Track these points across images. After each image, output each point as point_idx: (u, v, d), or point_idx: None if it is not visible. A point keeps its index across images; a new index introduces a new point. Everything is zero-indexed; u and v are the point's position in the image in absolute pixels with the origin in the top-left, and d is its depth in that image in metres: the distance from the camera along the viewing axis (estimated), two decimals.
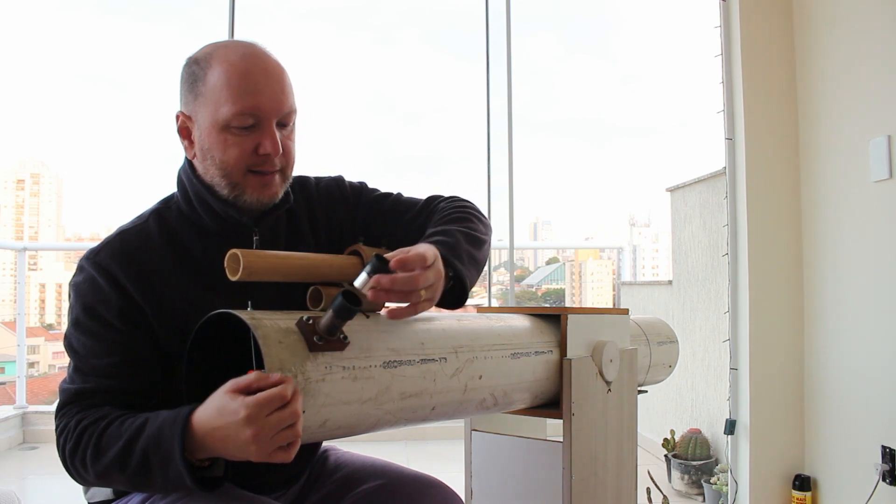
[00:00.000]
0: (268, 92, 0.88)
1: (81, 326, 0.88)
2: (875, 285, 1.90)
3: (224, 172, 0.90)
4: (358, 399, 0.76)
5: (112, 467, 0.79)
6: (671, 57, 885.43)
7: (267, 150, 0.88)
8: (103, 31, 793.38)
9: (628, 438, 1.14)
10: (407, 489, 0.97)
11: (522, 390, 0.97)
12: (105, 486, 0.91)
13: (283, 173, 0.94)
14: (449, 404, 0.86)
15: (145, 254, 0.90)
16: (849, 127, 2.00)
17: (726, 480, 2.32)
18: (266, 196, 0.92)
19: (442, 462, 2.86)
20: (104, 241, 0.92)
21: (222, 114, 0.87)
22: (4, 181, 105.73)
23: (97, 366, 0.86)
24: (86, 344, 0.87)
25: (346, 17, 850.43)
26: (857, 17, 1.98)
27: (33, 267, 61.63)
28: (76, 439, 0.82)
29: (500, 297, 10.90)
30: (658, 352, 1.34)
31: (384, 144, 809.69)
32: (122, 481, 0.81)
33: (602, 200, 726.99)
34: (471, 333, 0.90)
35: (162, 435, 0.76)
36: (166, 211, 0.95)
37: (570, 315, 1.03)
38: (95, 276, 0.88)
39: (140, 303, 0.87)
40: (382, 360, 0.78)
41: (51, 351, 39.60)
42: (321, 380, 0.73)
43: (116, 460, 0.79)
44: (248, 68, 0.88)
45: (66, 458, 0.83)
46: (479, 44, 2.96)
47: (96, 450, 0.80)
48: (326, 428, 0.75)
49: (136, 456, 0.78)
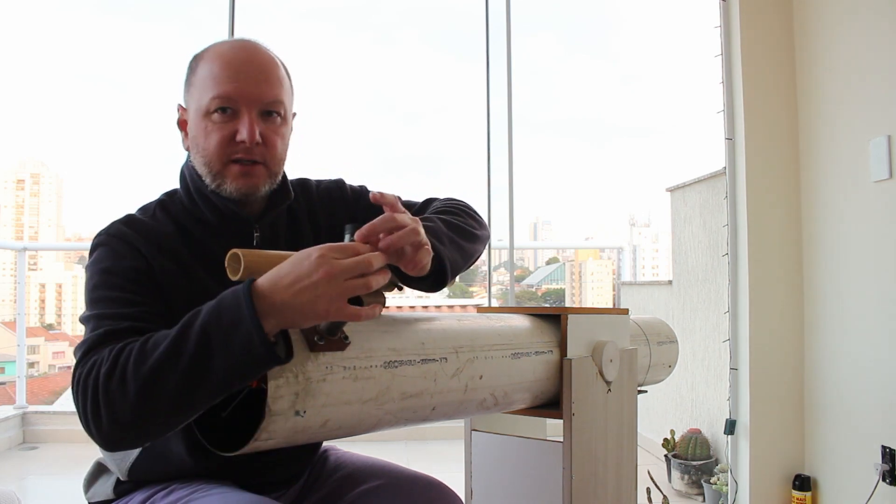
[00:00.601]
0: (249, 79, 0.89)
1: (104, 285, 0.84)
2: (875, 285, 1.90)
3: (206, 160, 0.90)
4: (359, 399, 0.76)
5: (160, 367, 0.69)
6: (671, 57, 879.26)
7: (242, 137, 0.88)
8: (103, 31, 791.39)
9: (628, 438, 1.14)
10: (406, 489, 0.97)
11: (523, 390, 0.97)
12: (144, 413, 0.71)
13: (268, 167, 0.92)
14: (449, 404, 0.86)
15: (159, 235, 0.90)
16: (849, 127, 2.00)
17: (726, 480, 2.32)
18: (245, 186, 0.90)
19: (442, 462, 2.86)
20: (114, 221, 0.91)
21: (203, 100, 0.89)
22: (4, 181, 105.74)
23: (128, 313, 0.81)
24: (111, 297, 0.83)
25: (346, 17, 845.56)
26: (857, 17, 1.98)
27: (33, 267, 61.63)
28: (112, 361, 0.72)
29: (500, 297, 10.90)
30: (658, 352, 1.34)
31: (384, 144, 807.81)
32: (170, 387, 0.69)
33: (602, 200, 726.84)
34: (471, 333, 0.90)
35: (223, 305, 0.69)
36: (171, 203, 0.95)
37: (570, 315, 1.03)
38: (115, 242, 0.87)
39: (157, 274, 0.86)
40: (383, 360, 0.78)
41: (51, 351, 39.65)
42: (322, 380, 0.72)
43: (167, 355, 0.69)
44: (233, 57, 0.90)
45: (99, 388, 0.71)
46: (479, 44, 2.96)
47: (140, 356, 0.71)
48: (327, 428, 0.75)
49: (192, 339, 0.69)
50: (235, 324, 0.68)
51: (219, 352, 0.68)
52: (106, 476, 0.96)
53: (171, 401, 0.70)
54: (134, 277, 0.84)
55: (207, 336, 0.68)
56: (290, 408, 0.70)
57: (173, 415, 0.71)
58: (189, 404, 0.70)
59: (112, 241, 0.87)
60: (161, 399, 0.70)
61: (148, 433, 0.73)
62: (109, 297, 0.83)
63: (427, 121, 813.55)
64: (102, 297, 0.83)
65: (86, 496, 0.98)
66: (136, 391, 0.70)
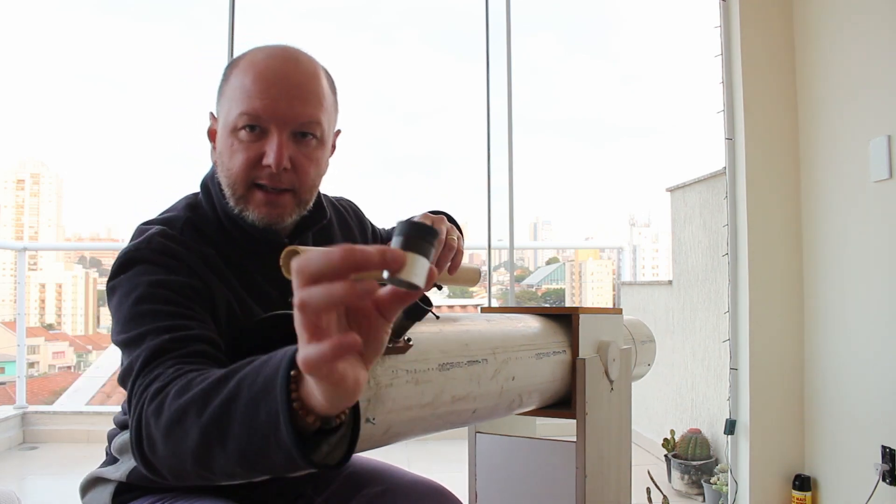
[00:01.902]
0: (282, 97, 0.79)
1: (153, 298, 0.74)
2: (875, 285, 1.90)
3: (230, 181, 0.83)
4: (418, 404, 0.73)
5: (191, 404, 0.58)
6: (671, 57, 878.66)
7: (268, 161, 0.80)
8: (103, 31, 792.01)
9: (625, 435, 1.15)
10: (408, 494, 0.96)
11: (542, 391, 0.97)
12: (172, 453, 0.61)
13: (297, 195, 0.84)
14: (487, 407, 0.85)
15: (203, 254, 0.82)
16: (849, 127, 2.00)
17: (726, 480, 2.32)
18: (269, 216, 0.83)
19: (442, 462, 2.86)
20: (150, 235, 0.81)
21: (231, 115, 0.81)
22: (4, 181, 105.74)
23: (188, 325, 0.72)
24: (165, 311, 0.73)
25: (347, 17, 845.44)
26: (857, 17, 1.98)
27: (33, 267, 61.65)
28: (163, 384, 0.64)
29: (500, 297, 10.89)
30: (642, 350, 1.36)
31: (384, 144, 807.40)
32: (192, 434, 0.58)
33: (602, 200, 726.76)
34: (501, 334, 0.89)
35: (267, 362, 0.55)
36: (198, 220, 0.86)
37: (581, 315, 1.03)
38: (160, 257, 0.78)
39: (211, 294, 0.79)
40: (437, 362, 0.75)
41: (51, 351, 39.64)
42: (389, 384, 0.69)
43: (202, 393, 0.58)
44: (267, 69, 0.80)
45: (144, 408, 0.63)
46: (479, 44, 2.96)
47: (184, 387, 0.61)
48: (388, 435, 0.71)
49: (228, 387, 0.56)
50: (264, 391, 0.53)
51: (242, 413, 0.54)
52: (102, 486, 0.94)
53: (191, 452, 0.59)
54: (189, 294, 0.76)
55: (238, 391, 0.55)
56: (362, 415, 0.66)
57: (197, 468, 0.60)
58: (209, 464, 0.58)
59: (156, 256, 0.78)
60: (183, 446, 0.59)
61: (179, 476, 0.63)
62: (165, 310, 0.73)
63: (427, 121, 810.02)
64: (154, 310, 0.73)
65: (82, 502, 0.97)
66: (163, 427, 0.60)
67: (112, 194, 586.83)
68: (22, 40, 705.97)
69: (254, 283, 0.85)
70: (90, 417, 3.37)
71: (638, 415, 3.14)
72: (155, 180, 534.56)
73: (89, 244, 56.25)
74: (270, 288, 0.87)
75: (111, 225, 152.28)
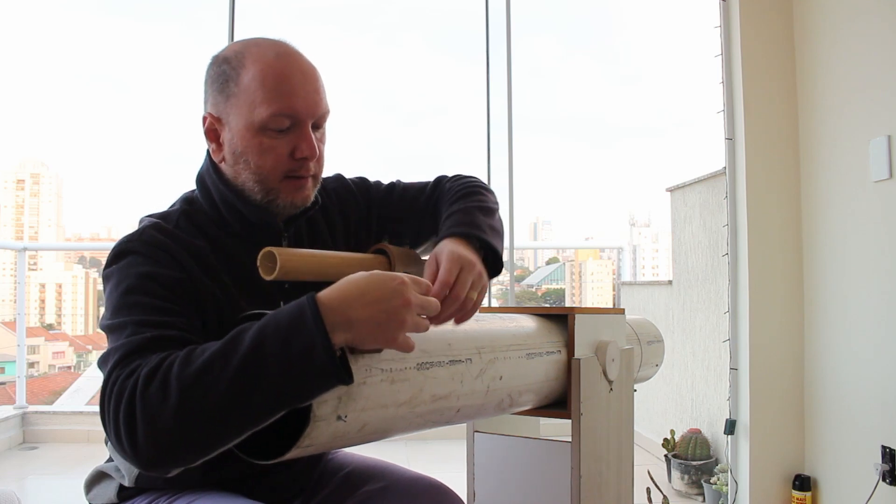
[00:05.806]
0: (304, 93, 0.86)
1: (142, 290, 0.78)
2: (875, 285, 1.90)
3: (259, 177, 0.87)
4: (394, 402, 0.74)
5: (208, 369, 0.65)
6: (671, 57, 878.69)
7: (304, 154, 0.86)
8: (104, 31, 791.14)
9: (626, 437, 1.15)
10: (408, 491, 0.96)
11: (535, 391, 0.97)
12: (185, 421, 0.65)
13: (315, 179, 0.92)
14: (472, 406, 0.85)
15: (193, 246, 0.85)
16: (849, 127, 2.00)
17: (726, 480, 2.32)
18: (299, 199, 0.90)
19: (442, 462, 2.86)
20: (144, 227, 0.85)
21: (258, 115, 0.84)
22: (4, 181, 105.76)
23: (172, 322, 0.76)
24: (152, 304, 0.77)
25: (347, 18, 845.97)
26: (858, 17, 1.98)
27: (33, 267, 61.64)
28: (154, 365, 0.68)
29: (500, 297, 10.89)
30: (648, 351, 1.35)
31: (385, 144, 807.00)
32: (217, 392, 0.64)
33: (602, 200, 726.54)
34: (490, 334, 0.90)
35: (281, 313, 0.67)
36: (193, 213, 0.90)
37: (577, 315, 1.03)
38: (151, 249, 0.82)
39: (195, 287, 0.82)
40: (416, 361, 0.77)
41: (51, 351, 39.62)
42: (362, 382, 0.70)
43: (216, 356, 0.66)
44: (285, 68, 0.85)
45: (137, 393, 0.66)
46: (480, 45, 2.96)
47: (186, 359, 0.67)
48: (364, 433, 0.73)
49: (246, 342, 0.65)
50: (296, 329, 0.65)
51: (274, 358, 0.64)
52: (108, 481, 0.95)
53: (216, 409, 0.64)
54: (175, 288, 0.80)
55: (262, 340, 0.65)
56: (332, 412, 0.68)
57: (217, 427, 0.65)
58: (236, 416, 0.65)
59: (147, 249, 0.82)
60: (205, 405, 0.64)
61: (189, 447, 0.66)
62: (151, 303, 0.77)
63: (428, 121, 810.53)
64: (141, 301, 0.77)
65: (87, 497, 0.97)
66: (177, 394, 0.65)
67: (112, 194, 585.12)
68: (23, 40, 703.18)
69: (246, 275, 0.86)
70: (90, 417, 3.37)
71: (638, 415, 3.13)
72: (155, 180, 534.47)
73: (89, 244, 56.23)
74: (262, 277, 0.87)
75: (111, 225, 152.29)
